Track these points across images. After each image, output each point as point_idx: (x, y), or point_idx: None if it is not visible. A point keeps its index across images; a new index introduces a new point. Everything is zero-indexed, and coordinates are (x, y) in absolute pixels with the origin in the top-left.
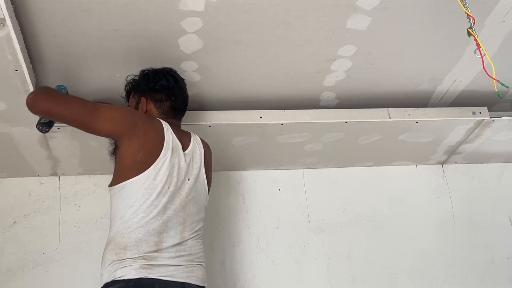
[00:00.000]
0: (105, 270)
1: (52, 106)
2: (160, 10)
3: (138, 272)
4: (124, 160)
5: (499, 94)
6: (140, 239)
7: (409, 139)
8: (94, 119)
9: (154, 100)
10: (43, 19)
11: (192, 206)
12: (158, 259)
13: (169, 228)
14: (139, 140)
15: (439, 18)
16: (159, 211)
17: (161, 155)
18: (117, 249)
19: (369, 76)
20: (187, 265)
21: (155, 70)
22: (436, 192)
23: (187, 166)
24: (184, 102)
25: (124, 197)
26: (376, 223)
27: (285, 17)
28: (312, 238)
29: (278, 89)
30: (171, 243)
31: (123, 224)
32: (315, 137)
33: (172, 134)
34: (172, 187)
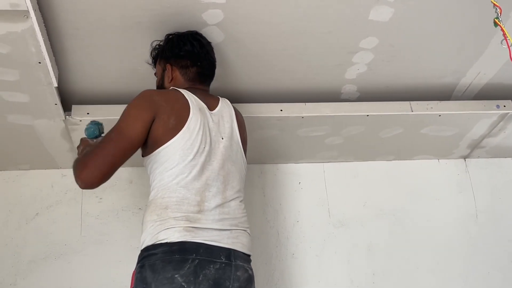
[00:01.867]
0: (147, 233)
1: (101, 169)
2: (181, 2)
3: (181, 235)
4: (156, 131)
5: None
6: (181, 198)
7: (431, 133)
8: (128, 136)
9: (179, 67)
10: (65, 11)
11: (230, 165)
12: (201, 221)
13: (210, 186)
14: (166, 109)
15: (463, 9)
16: (198, 170)
17: (191, 115)
18: (158, 210)
19: (391, 69)
20: (231, 230)
21: (179, 35)
22: (458, 187)
23: (217, 125)
24: (211, 66)
25: (161, 161)
26: (397, 218)
27: (307, 9)
28: (333, 232)
29: (299, 82)
30: (213, 204)
31: (162, 186)
32: (336, 131)
33: (193, 96)
34: (208, 146)
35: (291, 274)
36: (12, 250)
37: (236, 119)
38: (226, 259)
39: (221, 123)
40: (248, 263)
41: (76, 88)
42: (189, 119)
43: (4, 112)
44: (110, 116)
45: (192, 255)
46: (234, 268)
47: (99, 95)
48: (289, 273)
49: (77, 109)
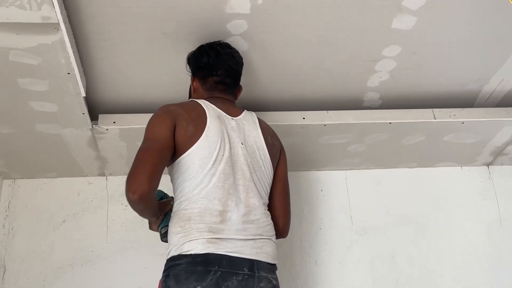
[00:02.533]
0: (172, 244)
1: (139, 176)
2: (206, 13)
3: (205, 247)
4: (178, 138)
5: None
6: (203, 209)
7: (454, 140)
8: (157, 140)
9: (200, 78)
10: (94, 23)
11: (253, 172)
12: (224, 231)
13: (232, 195)
14: (184, 117)
15: (486, 17)
16: (218, 178)
17: (208, 123)
18: (181, 222)
19: (413, 76)
20: (255, 240)
21: (200, 47)
22: (482, 194)
23: (237, 132)
24: (230, 74)
25: (181, 171)
26: (420, 225)
27: (330, 18)
28: (355, 239)
29: (321, 90)
30: (236, 213)
31: (184, 197)
32: (358, 138)
33: (211, 105)
34: (227, 153)
35: (314, 281)
36: (40, 256)
37: (260, 126)
38: (249, 271)
39: (241, 130)
40: (272, 273)
41: (103, 97)
42: (207, 127)
43: (33, 122)
44: (136, 125)
45: (215, 267)
46: (257, 280)
47: (125, 104)
48: (312, 281)
49: (103, 118)
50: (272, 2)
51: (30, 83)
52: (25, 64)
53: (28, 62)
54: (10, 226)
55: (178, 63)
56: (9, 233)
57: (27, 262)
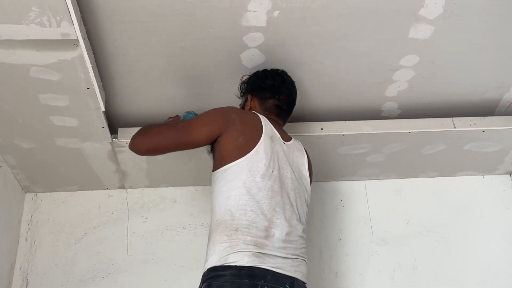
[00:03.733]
0: (215, 253)
1: (151, 143)
2: (223, 26)
3: (251, 260)
4: (224, 146)
5: None
6: (250, 221)
7: (475, 149)
8: (190, 134)
9: (259, 98)
10: (112, 39)
11: (297, 197)
12: (268, 247)
13: (277, 213)
14: (237, 128)
15: (504, 25)
16: (265, 194)
17: (262, 139)
18: (229, 231)
19: (432, 85)
20: (293, 259)
21: (265, 70)
22: (504, 203)
23: (287, 156)
24: (289, 102)
25: (227, 179)
26: (441, 235)
27: (346, 29)
28: (376, 250)
29: (339, 100)
30: (279, 231)
31: (230, 206)
32: (377, 148)
33: (269, 124)
34: (276, 172)
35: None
36: (61, 269)
37: (307, 155)
38: (290, 287)
39: (291, 155)
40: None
41: (122, 111)
42: (259, 143)
43: (54, 136)
44: None
45: (261, 281)
46: None
47: (144, 117)
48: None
49: (123, 131)
50: (288, 14)
51: (50, 99)
52: (45, 80)
53: (48, 78)
54: (33, 239)
55: (196, 76)
56: (32, 246)
57: (49, 275)
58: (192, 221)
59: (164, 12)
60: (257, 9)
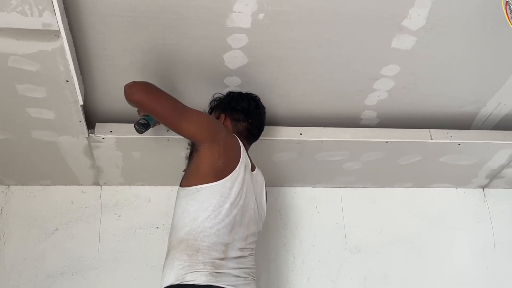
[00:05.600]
0: (173, 271)
1: (146, 98)
2: (207, 26)
3: (207, 279)
4: (203, 164)
5: None
6: (212, 244)
7: (450, 161)
8: (181, 120)
9: (232, 118)
10: (95, 32)
11: (253, 226)
12: (224, 267)
13: (235, 240)
14: (220, 148)
15: (485, 40)
16: (230, 221)
17: (238, 167)
18: (190, 251)
19: (411, 96)
20: (245, 278)
21: (240, 92)
22: (476, 216)
23: (252, 187)
24: (259, 128)
25: (198, 200)
26: (414, 245)
27: (330, 35)
28: (349, 257)
29: (319, 106)
30: (235, 254)
31: (196, 226)
32: (355, 156)
33: (245, 152)
34: (242, 202)
35: None
36: (31, 264)
37: (265, 187)
38: None
39: (256, 186)
40: None
41: (101, 106)
42: (235, 170)
43: (29, 128)
44: (133, 135)
45: None
46: None
47: (123, 114)
48: None
49: (100, 127)
50: (273, 17)
51: (28, 90)
52: (24, 70)
53: (27, 68)
54: (2, 232)
55: (179, 74)
56: (0, 239)
57: (17, 270)
58: (166, 221)
59: (149, 8)
60: (242, 10)
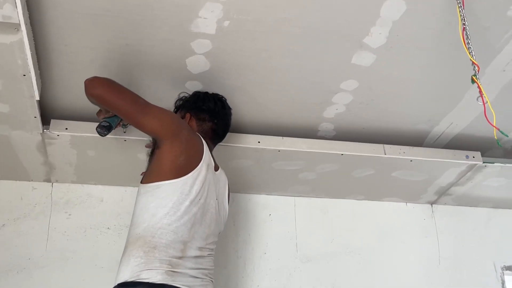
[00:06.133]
0: (128, 267)
1: (107, 92)
2: (172, 29)
3: (163, 278)
4: (164, 161)
5: (498, 142)
6: (169, 242)
7: (402, 177)
8: (143, 115)
9: (197, 118)
10: (56, 27)
11: (214, 226)
12: (181, 266)
13: (194, 239)
14: (181, 145)
15: (442, 62)
16: (189, 219)
17: (199, 166)
18: (146, 247)
19: (368, 111)
20: (202, 279)
21: (206, 92)
22: (423, 231)
23: (214, 186)
24: (225, 129)
25: (158, 196)
26: (362, 257)
27: (293, 47)
28: (299, 266)
29: (278, 116)
30: (193, 254)
31: (154, 223)
32: (310, 166)
33: (208, 151)
34: (203, 200)
35: None
36: None
37: (228, 188)
38: None
39: (218, 186)
40: None
41: (57, 103)
42: (197, 168)
43: None
44: (89, 133)
45: None
46: None
47: (80, 112)
48: None
49: (55, 123)
50: (238, 26)
51: None
52: None
53: None
54: None
55: (139, 75)
56: None
57: None
58: (117, 222)
59: (114, 7)
60: (208, 16)
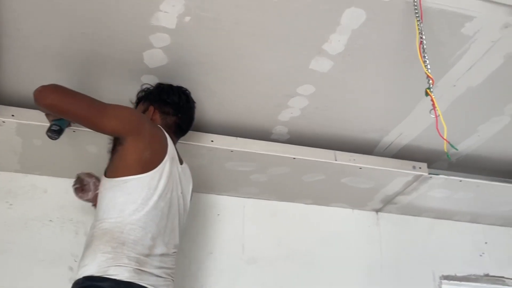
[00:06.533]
0: (95, 261)
1: (59, 100)
2: (132, 21)
3: (131, 276)
4: (129, 156)
5: (448, 155)
6: (138, 238)
7: (350, 183)
8: (101, 117)
9: (161, 112)
10: (9, 10)
11: (180, 221)
12: (147, 265)
13: (162, 234)
14: (145, 140)
15: (397, 74)
16: (157, 214)
17: (165, 159)
18: (115, 243)
19: (322, 117)
20: (165, 278)
21: (170, 85)
22: (368, 238)
23: (180, 180)
24: (189, 123)
25: (125, 191)
26: (307, 261)
27: (253, 48)
28: (244, 268)
29: (233, 116)
30: (160, 251)
31: (122, 218)
32: (262, 168)
33: (172, 144)
34: (169, 194)
35: None
36: None
37: (192, 182)
38: None
39: (183, 180)
40: None
41: (6, 88)
42: (163, 162)
43: None
44: (36, 122)
45: None
46: None
47: (29, 99)
48: None
49: (1, 109)
50: (199, 22)
51: None
52: None
53: None
54: None
55: (94, 65)
56: None
57: None
58: (60, 215)
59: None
60: (169, 10)
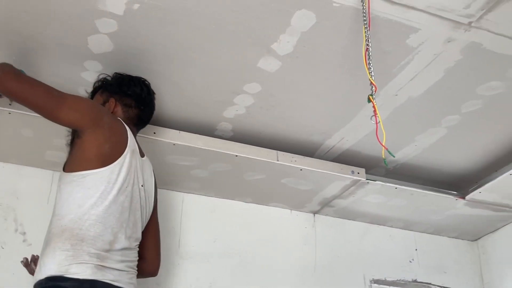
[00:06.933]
0: (54, 260)
1: (18, 87)
2: (77, 3)
3: (93, 273)
4: (88, 149)
5: (385, 161)
6: (97, 234)
7: (290, 184)
8: (59, 108)
9: (122, 104)
10: None
11: (143, 214)
12: (108, 261)
13: (123, 228)
14: (105, 132)
15: (343, 78)
16: (117, 208)
17: (125, 152)
18: (74, 240)
19: (267, 116)
20: (128, 271)
21: (130, 76)
22: (304, 239)
23: (141, 172)
24: (150, 114)
25: (84, 186)
26: (242, 259)
27: (202, 42)
28: (179, 263)
29: (177, 109)
30: (121, 246)
31: (81, 214)
32: (203, 164)
33: (132, 136)
34: (130, 188)
35: None
36: None
37: (154, 174)
38: None
39: (145, 172)
40: None
41: None
42: (123, 155)
43: None
44: None
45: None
46: None
47: None
48: None
49: None
50: (148, 11)
51: None
52: None
53: None
54: None
55: (35, 47)
56: None
57: None
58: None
59: None
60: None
